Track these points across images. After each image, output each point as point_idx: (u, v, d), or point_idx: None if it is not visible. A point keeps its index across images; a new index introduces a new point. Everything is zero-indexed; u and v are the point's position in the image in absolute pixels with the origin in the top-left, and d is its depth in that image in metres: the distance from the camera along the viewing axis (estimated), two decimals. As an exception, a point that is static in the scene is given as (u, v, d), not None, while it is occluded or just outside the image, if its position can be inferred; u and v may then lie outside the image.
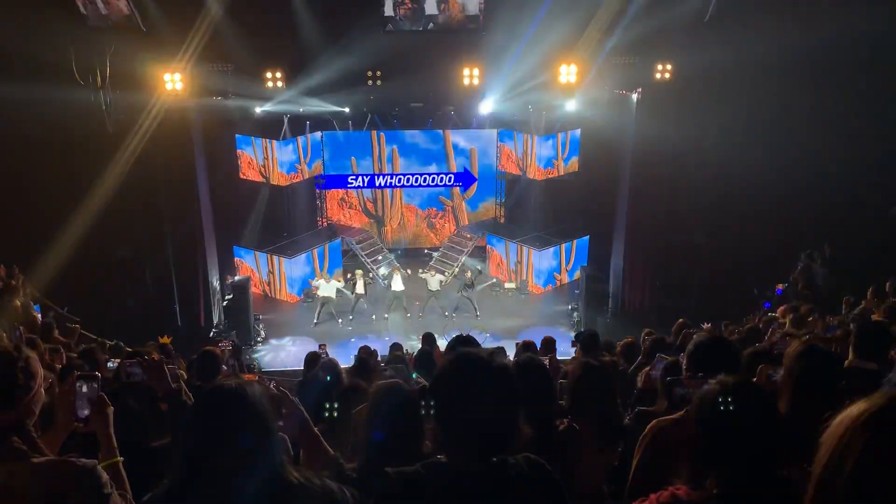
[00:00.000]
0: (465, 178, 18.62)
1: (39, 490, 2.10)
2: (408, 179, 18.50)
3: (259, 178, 16.75)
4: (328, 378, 4.83)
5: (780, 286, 13.28)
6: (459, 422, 2.04)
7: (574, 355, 7.95)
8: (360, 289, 15.84)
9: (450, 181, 18.63)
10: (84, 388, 2.61)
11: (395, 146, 18.24)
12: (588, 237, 17.46)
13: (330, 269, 17.37)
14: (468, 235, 18.28)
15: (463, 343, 4.12)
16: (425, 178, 18.45)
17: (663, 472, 2.30)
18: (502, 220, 18.93)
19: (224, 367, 6.48)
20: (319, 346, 10.33)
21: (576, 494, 2.92)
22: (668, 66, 13.36)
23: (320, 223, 18.84)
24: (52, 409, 2.65)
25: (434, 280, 15.96)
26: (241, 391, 2.03)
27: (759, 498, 2.05)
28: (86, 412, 2.61)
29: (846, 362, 4.00)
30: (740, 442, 2.04)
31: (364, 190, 18.77)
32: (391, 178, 18.49)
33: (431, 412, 2.15)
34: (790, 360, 3.01)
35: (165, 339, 9.25)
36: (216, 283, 15.71)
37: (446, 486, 1.99)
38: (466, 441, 2.02)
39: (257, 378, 7.83)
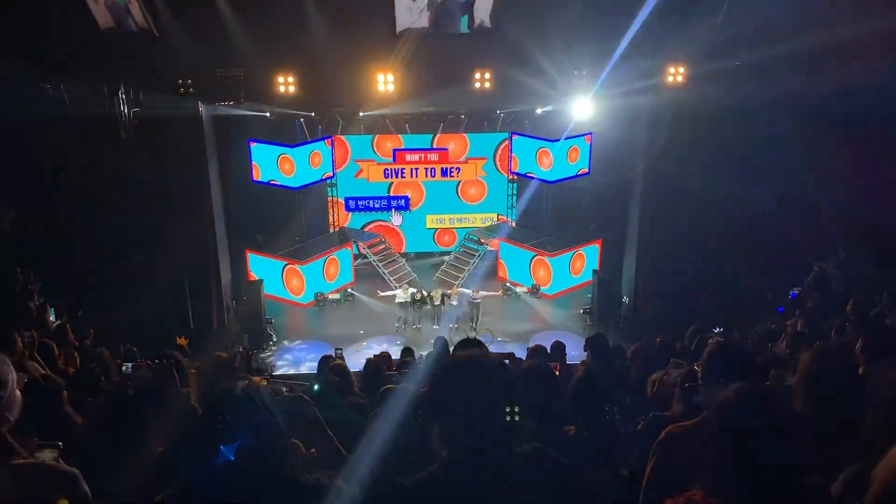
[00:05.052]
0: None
1: (19, 490, 2.10)
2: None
3: (274, 182, 16.79)
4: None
5: (794, 290, 13.16)
6: (460, 419, 2.06)
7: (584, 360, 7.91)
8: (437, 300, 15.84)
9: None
10: None
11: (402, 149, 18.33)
12: (600, 241, 17.40)
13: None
14: (481, 240, 18.26)
15: (468, 347, 4.11)
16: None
17: (678, 478, 2.28)
18: (513, 225, 18.90)
19: (234, 371, 6.49)
20: (336, 350, 10.33)
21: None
22: (681, 69, 13.29)
23: (332, 227, 18.87)
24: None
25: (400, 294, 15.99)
26: (249, 394, 2.03)
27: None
28: None
29: (861, 369, 3.95)
30: (758, 448, 2.01)
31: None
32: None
33: (430, 413, 2.18)
34: (805, 364, 2.98)
35: (182, 341, 9.23)
36: (229, 287, 15.77)
37: (459, 480, 2.02)
38: (469, 437, 2.05)
39: (268, 382, 7.84)
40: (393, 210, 18.78)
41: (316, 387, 5.07)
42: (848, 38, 10.68)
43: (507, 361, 5.24)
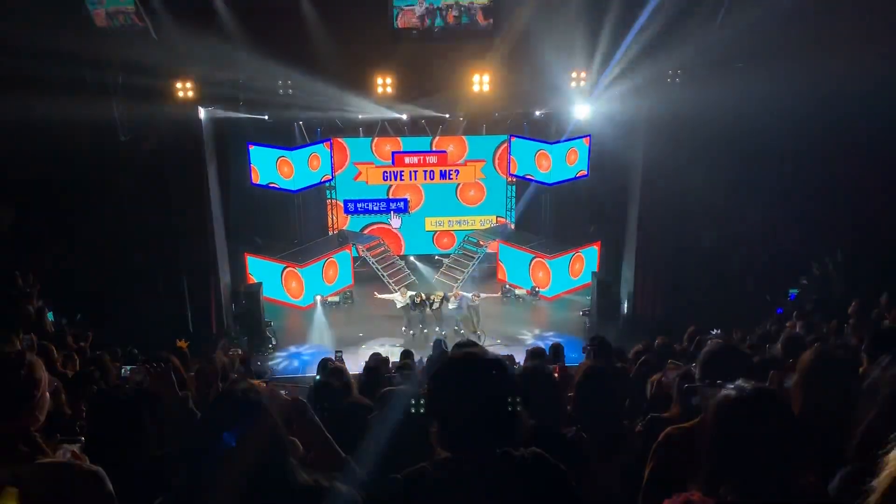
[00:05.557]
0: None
1: (43, 490, 2.10)
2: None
3: (273, 185, 16.78)
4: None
5: (792, 291, 13.17)
6: (458, 417, 2.07)
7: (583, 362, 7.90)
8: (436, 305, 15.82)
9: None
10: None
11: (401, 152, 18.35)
12: (599, 243, 17.40)
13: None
14: (480, 242, 18.25)
15: (465, 347, 4.12)
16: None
17: (677, 479, 2.28)
18: (512, 227, 18.90)
19: (233, 375, 6.50)
20: (336, 352, 10.33)
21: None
22: (679, 71, 13.30)
23: (331, 230, 18.86)
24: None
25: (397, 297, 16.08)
26: (248, 396, 2.03)
27: (774, 505, 2.02)
28: None
29: (861, 369, 3.94)
30: (756, 449, 2.02)
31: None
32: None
33: (428, 411, 2.19)
34: (803, 366, 2.98)
35: (182, 343, 9.22)
36: (228, 290, 15.76)
37: (454, 480, 2.03)
38: (467, 435, 2.06)
39: (267, 384, 7.83)
40: (392, 212, 18.80)
41: (318, 377, 5.09)
42: (847, 38, 10.71)
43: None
